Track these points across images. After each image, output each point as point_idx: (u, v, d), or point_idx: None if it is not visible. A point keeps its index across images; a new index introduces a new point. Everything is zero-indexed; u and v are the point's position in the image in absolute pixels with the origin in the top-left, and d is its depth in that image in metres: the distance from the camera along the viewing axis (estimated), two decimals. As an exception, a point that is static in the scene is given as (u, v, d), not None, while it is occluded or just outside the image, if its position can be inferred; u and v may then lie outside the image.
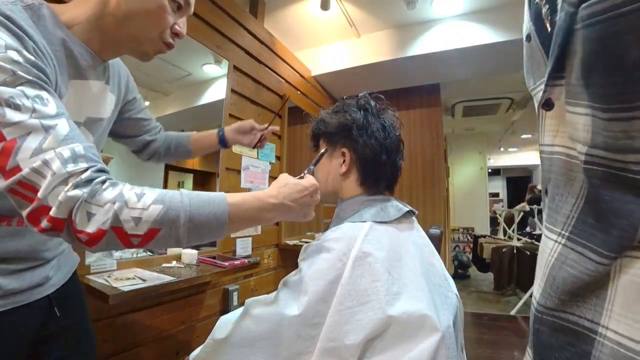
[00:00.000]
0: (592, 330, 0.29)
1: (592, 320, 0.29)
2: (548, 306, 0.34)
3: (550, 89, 0.33)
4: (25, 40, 0.46)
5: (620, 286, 0.28)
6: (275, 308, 0.59)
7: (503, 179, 9.88)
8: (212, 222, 0.49)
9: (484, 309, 3.16)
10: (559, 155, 0.34)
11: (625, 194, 0.27)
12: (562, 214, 0.34)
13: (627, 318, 0.27)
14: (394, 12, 2.45)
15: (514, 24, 2.28)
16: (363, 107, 0.74)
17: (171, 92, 0.92)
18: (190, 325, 1.57)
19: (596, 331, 0.29)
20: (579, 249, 0.31)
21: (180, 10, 0.61)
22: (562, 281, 0.32)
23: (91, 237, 0.42)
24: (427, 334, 0.53)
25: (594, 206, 0.30)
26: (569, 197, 0.33)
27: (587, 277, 0.30)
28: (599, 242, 0.29)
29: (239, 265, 1.50)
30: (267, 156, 2.23)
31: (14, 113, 0.41)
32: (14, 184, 0.41)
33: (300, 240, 2.44)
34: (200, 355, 0.65)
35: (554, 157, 0.35)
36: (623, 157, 0.26)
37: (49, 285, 0.65)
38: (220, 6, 1.80)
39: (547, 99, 0.34)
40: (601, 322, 0.29)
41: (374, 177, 0.73)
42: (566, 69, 0.31)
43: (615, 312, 0.28)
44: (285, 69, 2.48)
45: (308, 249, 0.65)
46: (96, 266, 1.16)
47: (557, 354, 0.32)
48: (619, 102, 0.26)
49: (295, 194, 0.59)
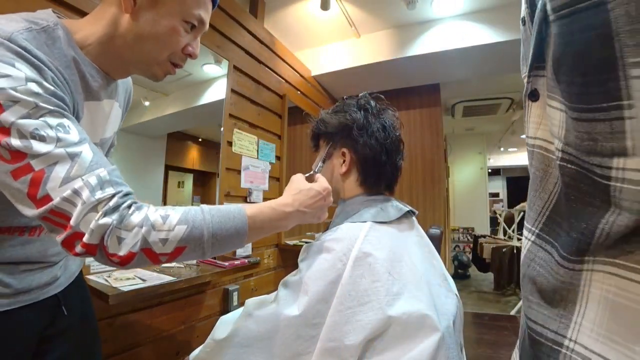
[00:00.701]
0: (556, 342, 0.28)
1: (557, 332, 0.28)
2: (524, 310, 0.33)
3: (534, 79, 0.32)
4: (43, 71, 0.47)
5: (592, 300, 0.26)
6: (275, 308, 0.59)
7: (503, 179, 9.88)
8: (234, 236, 0.52)
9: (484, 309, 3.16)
10: (539, 149, 0.33)
11: (589, 197, 0.26)
12: (535, 209, 0.33)
13: (602, 336, 0.25)
14: (394, 12, 2.45)
15: (514, 24, 2.28)
16: (363, 107, 0.74)
17: (171, 92, 0.91)
18: (190, 325, 1.57)
19: (561, 344, 0.28)
20: (547, 247, 0.30)
21: (195, 30, 0.59)
22: (531, 280, 0.32)
23: (123, 259, 0.45)
24: (427, 334, 0.53)
25: (562, 205, 0.29)
26: (542, 193, 0.32)
27: (555, 282, 0.29)
28: (562, 243, 0.28)
29: (239, 265, 1.50)
30: (267, 156, 2.23)
31: (39, 144, 0.43)
32: (46, 212, 0.43)
33: (300, 240, 2.44)
34: (200, 355, 0.65)
35: (535, 150, 0.33)
36: (588, 159, 0.25)
37: (57, 285, 0.66)
38: (220, 6, 1.80)
39: (533, 89, 0.33)
40: (568, 335, 0.27)
41: (374, 177, 0.73)
42: (546, 60, 0.29)
43: (585, 327, 0.26)
44: (285, 69, 2.48)
45: (308, 249, 0.65)
46: (96, 266, 1.16)
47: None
48: (581, 102, 0.25)
49: (309, 200, 0.60)
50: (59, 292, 0.67)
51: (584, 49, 0.24)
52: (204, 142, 1.99)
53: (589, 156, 0.25)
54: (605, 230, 0.25)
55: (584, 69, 0.24)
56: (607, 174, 0.24)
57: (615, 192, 0.24)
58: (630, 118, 0.22)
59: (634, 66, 0.21)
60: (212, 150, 1.85)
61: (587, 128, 0.25)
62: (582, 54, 0.24)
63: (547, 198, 0.31)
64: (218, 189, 1.81)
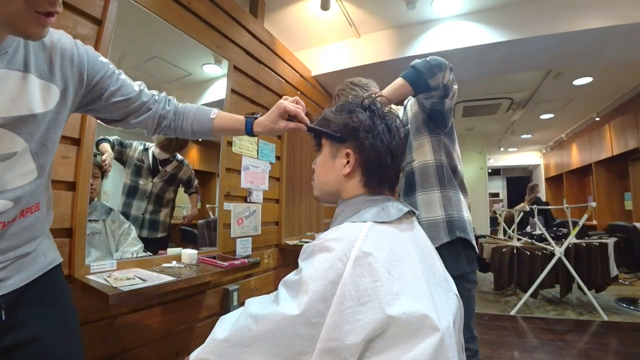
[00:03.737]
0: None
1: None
2: None
3: None
4: None
5: None
6: (275, 308, 0.59)
7: (503, 179, 9.89)
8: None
9: (484, 309, 3.16)
10: None
11: None
12: None
13: None
14: (394, 12, 2.45)
15: (514, 24, 2.28)
16: (369, 109, 0.73)
17: (171, 92, 0.90)
18: (190, 326, 1.57)
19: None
20: None
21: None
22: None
23: None
24: (427, 334, 0.52)
25: None
26: None
27: None
28: None
29: (239, 265, 1.50)
30: (267, 156, 2.23)
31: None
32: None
33: (300, 240, 2.44)
34: (200, 355, 0.65)
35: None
36: None
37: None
38: (220, 6, 1.80)
39: None
40: None
41: (378, 179, 0.72)
42: None
43: None
44: (285, 69, 2.48)
45: (308, 248, 0.64)
46: (96, 266, 1.16)
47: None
48: None
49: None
50: (3, 294, 0.61)
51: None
52: (204, 142, 1.99)
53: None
54: None
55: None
56: None
57: None
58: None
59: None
60: (212, 150, 1.85)
61: None
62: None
63: None
64: (218, 189, 1.81)
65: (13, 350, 0.63)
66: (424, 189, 1.14)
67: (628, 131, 4.30)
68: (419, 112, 1.19)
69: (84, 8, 1.14)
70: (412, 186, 1.17)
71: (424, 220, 1.11)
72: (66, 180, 1.10)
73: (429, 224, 1.10)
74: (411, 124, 1.22)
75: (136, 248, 1.41)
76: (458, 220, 1.10)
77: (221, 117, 0.91)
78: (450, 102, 1.11)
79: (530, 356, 2.15)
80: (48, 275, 0.71)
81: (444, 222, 1.09)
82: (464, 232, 1.09)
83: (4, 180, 0.58)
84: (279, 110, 0.85)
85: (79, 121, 1.13)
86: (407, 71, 1.06)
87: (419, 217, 1.09)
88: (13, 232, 0.62)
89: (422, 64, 1.03)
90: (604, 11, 2.12)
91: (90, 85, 0.71)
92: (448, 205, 1.11)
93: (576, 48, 2.38)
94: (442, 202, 1.11)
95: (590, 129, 5.51)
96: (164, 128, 0.88)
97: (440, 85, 1.03)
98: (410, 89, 1.05)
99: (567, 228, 3.49)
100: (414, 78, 1.04)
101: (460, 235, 1.08)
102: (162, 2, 1.46)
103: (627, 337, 2.39)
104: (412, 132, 1.20)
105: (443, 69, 1.02)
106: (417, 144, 1.18)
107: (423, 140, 1.17)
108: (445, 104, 1.10)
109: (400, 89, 1.06)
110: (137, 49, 1.49)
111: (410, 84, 1.04)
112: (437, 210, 1.10)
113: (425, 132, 1.17)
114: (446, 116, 1.14)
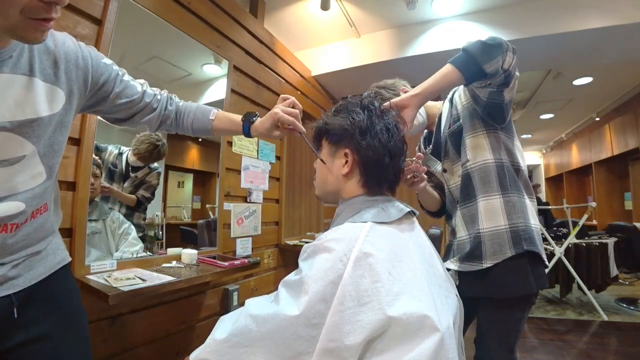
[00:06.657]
0: None
1: None
2: None
3: None
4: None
5: None
6: (275, 308, 0.59)
7: (503, 179, 9.86)
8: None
9: (484, 309, 3.16)
10: None
11: None
12: None
13: None
14: (394, 12, 2.45)
15: (514, 24, 2.28)
16: (367, 108, 0.73)
17: (171, 92, 0.91)
18: (190, 325, 1.57)
19: None
20: None
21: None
22: None
23: None
24: (427, 335, 0.53)
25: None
26: None
27: None
28: None
29: (239, 265, 1.50)
30: (267, 156, 2.23)
31: None
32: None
33: (300, 240, 2.44)
34: (200, 355, 0.65)
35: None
36: None
37: (9, 285, 0.62)
38: (220, 6, 1.80)
39: None
40: None
41: (377, 179, 0.72)
42: None
43: None
44: (285, 69, 2.48)
45: (309, 249, 0.64)
46: (96, 266, 1.16)
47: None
48: None
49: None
50: (15, 292, 0.63)
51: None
52: (204, 142, 1.99)
53: None
54: None
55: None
56: None
57: None
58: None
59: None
60: (212, 150, 1.85)
61: None
62: None
63: None
64: (218, 189, 1.81)
65: (23, 347, 0.64)
66: (485, 193, 0.97)
67: (628, 131, 4.30)
68: (472, 105, 1.01)
69: (84, 8, 1.14)
70: (471, 191, 0.99)
71: (485, 231, 0.94)
72: (66, 180, 1.10)
73: (490, 236, 0.93)
74: (463, 118, 1.03)
75: (136, 248, 1.41)
76: (525, 229, 0.92)
77: (220, 119, 0.92)
78: (511, 93, 0.93)
79: (530, 356, 2.15)
80: (57, 274, 0.73)
81: (507, 233, 0.92)
82: (532, 243, 0.91)
83: (15, 183, 0.59)
84: (273, 120, 0.83)
85: (79, 121, 1.13)
86: (457, 55, 0.87)
87: (478, 229, 0.95)
88: (25, 233, 0.63)
89: (475, 45, 0.84)
90: (604, 11, 2.12)
91: (95, 87, 0.72)
92: (512, 213, 0.94)
93: (576, 48, 2.38)
94: (506, 209, 0.94)
95: (590, 129, 5.51)
96: (167, 126, 0.90)
97: (500, 70, 0.83)
98: (460, 77, 0.85)
99: (567, 228, 3.49)
100: (464, 63, 0.84)
101: (528, 248, 0.90)
102: (162, 2, 1.46)
103: (627, 337, 2.39)
104: (465, 128, 1.02)
105: (504, 50, 0.82)
106: (472, 141, 1.00)
107: (479, 137, 1.00)
108: (505, 96, 0.92)
109: (446, 78, 0.87)
110: (137, 49, 1.49)
111: (460, 70, 0.84)
112: (499, 219, 0.94)
113: (481, 129, 1.00)
114: (505, 109, 0.96)
